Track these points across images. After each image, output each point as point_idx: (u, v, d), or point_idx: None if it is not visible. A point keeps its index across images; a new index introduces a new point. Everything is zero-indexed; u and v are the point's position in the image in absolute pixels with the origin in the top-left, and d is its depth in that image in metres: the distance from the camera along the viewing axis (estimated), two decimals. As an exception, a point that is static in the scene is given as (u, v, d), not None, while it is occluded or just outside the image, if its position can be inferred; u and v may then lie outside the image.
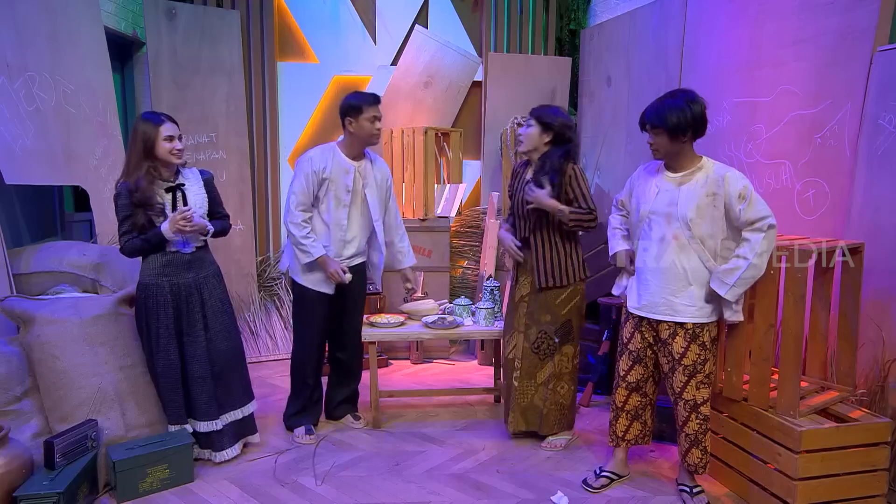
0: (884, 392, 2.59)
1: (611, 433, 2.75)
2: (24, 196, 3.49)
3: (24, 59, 3.16)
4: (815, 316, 2.67)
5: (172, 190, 2.74)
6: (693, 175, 2.44)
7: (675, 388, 2.52)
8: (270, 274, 4.82)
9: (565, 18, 5.12)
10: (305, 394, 3.21)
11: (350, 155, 3.05)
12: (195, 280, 2.80)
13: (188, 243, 2.77)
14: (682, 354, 2.47)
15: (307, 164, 2.98)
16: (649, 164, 2.64)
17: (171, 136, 2.69)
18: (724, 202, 2.37)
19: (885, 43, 2.72)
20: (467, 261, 4.96)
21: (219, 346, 2.85)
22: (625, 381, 2.64)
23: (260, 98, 4.82)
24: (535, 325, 2.96)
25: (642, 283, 2.55)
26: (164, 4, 4.28)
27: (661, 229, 2.47)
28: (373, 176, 3.12)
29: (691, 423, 2.51)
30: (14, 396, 2.64)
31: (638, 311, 2.56)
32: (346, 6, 4.90)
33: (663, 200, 2.47)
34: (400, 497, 2.62)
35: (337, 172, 2.99)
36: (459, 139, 4.88)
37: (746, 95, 3.36)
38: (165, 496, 2.61)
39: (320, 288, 3.06)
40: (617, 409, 2.70)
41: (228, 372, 2.89)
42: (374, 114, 2.97)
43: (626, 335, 2.63)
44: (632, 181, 2.67)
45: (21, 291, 2.95)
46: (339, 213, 3.03)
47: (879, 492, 2.41)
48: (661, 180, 2.51)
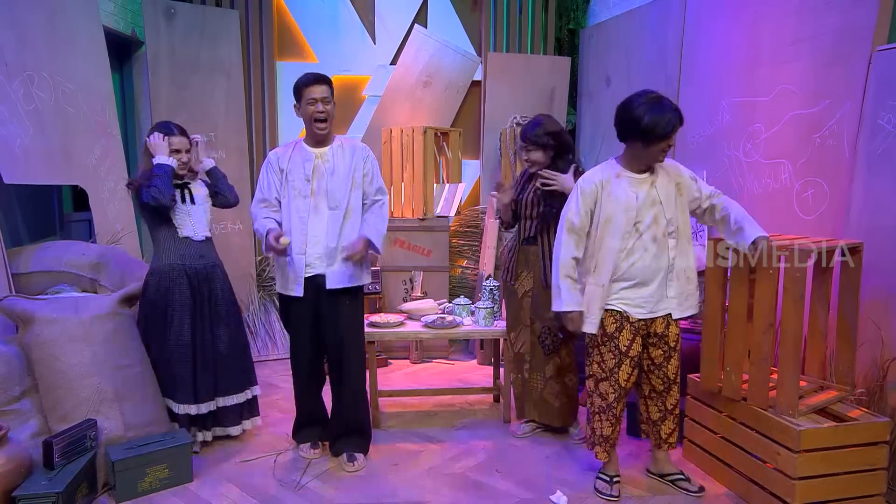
0: (882, 391, 2.60)
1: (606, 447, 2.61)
2: (23, 196, 3.49)
3: (23, 59, 3.15)
4: (815, 315, 2.67)
5: (179, 187, 2.94)
6: (656, 172, 2.49)
7: (668, 376, 2.58)
8: (269, 274, 4.81)
9: (564, 18, 5.12)
10: (305, 408, 3.03)
11: (310, 143, 2.82)
12: (205, 267, 2.98)
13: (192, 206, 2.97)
14: (676, 342, 2.56)
15: (269, 157, 2.87)
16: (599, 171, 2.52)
17: (178, 150, 2.92)
18: (684, 188, 2.50)
19: (883, 42, 2.72)
20: (466, 260, 4.97)
21: (219, 332, 2.99)
22: (624, 389, 2.55)
23: (259, 97, 4.81)
24: (539, 320, 3.01)
25: (643, 287, 2.47)
26: (162, 4, 4.28)
27: (652, 231, 2.44)
28: (339, 162, 2.81)
29: (677, 402, 2.63)
30: (13, 396, 2.64)
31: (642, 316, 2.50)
32: (345, 6, 4.90)
33: (645, 203, 2.44)
34: (399, 497, 2.62)
35: (295, 162, 2.79)
36: (459, 139, 4.88)
37: (745, 95, 3.36)
38: (165, 496, 2.61)
39: (291, 291, 2.81)
40: (616, 421, 2.58)
41: (227, 358, 3.01)
42: (313, 95, 2.69)
43: (625, 344, 2.50)
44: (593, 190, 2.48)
45: (20, 291, 2.95)
46: (299, 204, 2.77)
47: (878, 491, 2.41)
48: (635, 185, 2.45)
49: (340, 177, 2.79)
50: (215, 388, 2.99)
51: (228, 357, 3.01)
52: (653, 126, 2.32)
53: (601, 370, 2.56)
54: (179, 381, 2.88)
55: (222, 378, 3.00)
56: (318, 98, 2.70)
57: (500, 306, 3.49)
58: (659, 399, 2.63)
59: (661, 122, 2.31)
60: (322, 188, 2.78)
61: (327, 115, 2.74)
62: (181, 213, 2.95)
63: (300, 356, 2.93)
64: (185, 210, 2.96)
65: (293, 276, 2.79)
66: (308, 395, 3.01)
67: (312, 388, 3.01)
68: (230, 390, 3.02)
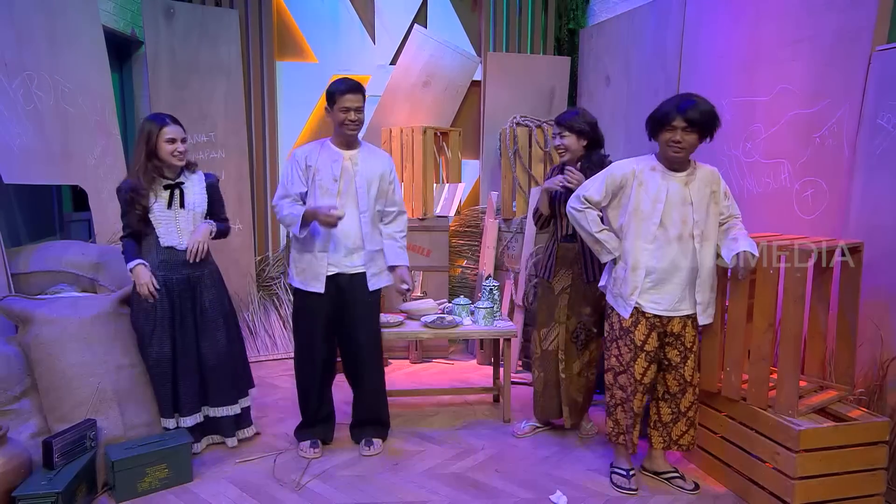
0: (882, 391, 2.60)
1: (628, 439, 2.65)
2: (23, 196, 3.49)
3: (23, 59, 3.15)
4: (814, 315, 2.68)
5: (171, 188, 2.80)
6: (694, 174, 2.52)
7: (684, 377, 2.60)
8: (269, 273, 4.82)
9: (564, 18, 5.12)
10: (309, 409, 3.04)
11: (338, 144, 2.89)
12: (189, 277, 2.86)
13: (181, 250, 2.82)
14: (692, 343, 2.58)
15: (295, 154, 2.93)
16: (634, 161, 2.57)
17: (174, 139, 2.76)
18: (719, 197, 2.54)
19: (883, 42, 2.73)
20: (466, 260, 4.97)
21: (206, 345, 2.90)
22: (641, 384, 2.58)
23: (259, 97, 4.81)
24: (575, 316, 3.01)
25: (661, 283, 2.50)
26: (162, 3, 4.28)
27: (678, 228, 2.48)
28: (368, 166, 2.90)
29: (693, 405, 2.65)
30: (13, 396, 2.64)
31: (658, 312, 2.53)
32: (345, 5, 4.90)
33: (676, 200, 2.48)
34: (399, 496, 2.62)
35: (323, 162, 2.86)
36: (458, 139, 4.88)
37: (745, 95, 3.36)
38: (164, 496, 2.61)
39: (311, 287, 2.87)
40: (634, 416, 2.62)
41: (215, 370, 2.93)
42: (346, 104, 2.77)
43: (641, 338, 2.54)
44: (623, 178, 2.55)
45: (20, 291, 2.94)
46: (325, 203, 2.82)
47: (878, 491, 2.41)
48: (668, 180, 2.50)
49: (367, 181, 2.89)
50: (204, 399, 2.94)
51: (215, 369, 2.92)
52: (653, 114, 2.48)
53: (619, 363, 2.64)
54: (161, 397, 2.83)
55: (210, 390, 2.93)
56: (352, 108, 2.79)
57: (499, 306, 3.49)
58: (673, 401, 2.64)
59: (661, 109, 2.45)
60: (349, 189, 2.86)
61: (359, 122, 2.84)
62: (166, 219, 2.78)
63: (313, 353, 2.95)
64: (169, 216, 2.78)
65: (315, 273, 2.87)
66: (315, 392, 3.02)
67: (321, 385, 3.03)
68: (218, 402, 2.96)
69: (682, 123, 2.39)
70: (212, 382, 2.93)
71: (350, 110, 2.78)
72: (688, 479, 2.67)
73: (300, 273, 2.91)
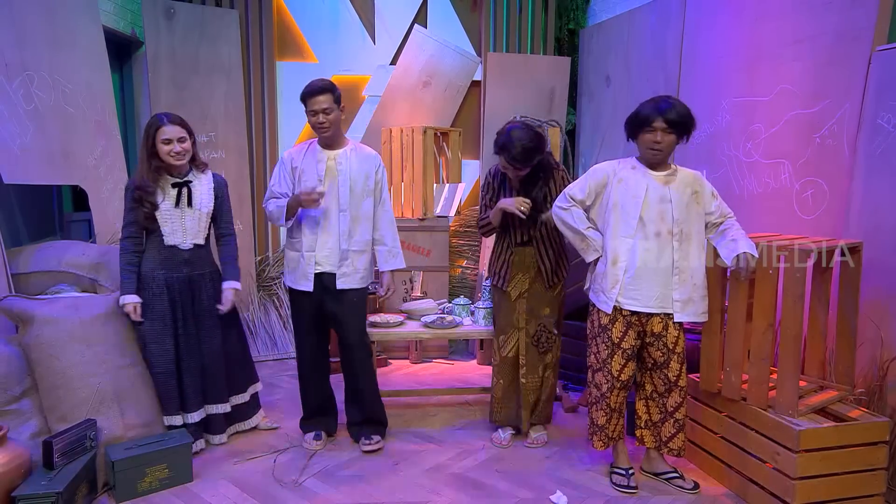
0: (882, 391, 2.60)
1: (602, 437, 2.68)
2: (23, 196, 3.49)
3: (23, 59, 3.15)
4: (814, 315, 2.68)
5: (178, 186, 2.83)
6: (674, 175, 2.56)
7: (669, 378, 2.60)
8: (269, 273, 4.82)
9: (564, 18, 5.12)
10: (311, 403, 3.12)
11: (323, 145, 2.91)
12: (189, 276, 2.88)
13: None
14: (675, 344, 2.57)
15: (283, 157, 2.97)
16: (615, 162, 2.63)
17: (169, 139, 2.76)
18: (701, 198, 2.55)
19: (883, 42, 2.73)
20: (466, 260, 4.97)
21: (205, 344, 2.94)
22: (619, 381, 2.61)
23: (259, 98, 4.81)
24: (535, 318, 3.01)
25: (638, 279, 2.52)
26: (162, 4, 4.28)
27: (656, 226, 2.50)
28: (352, 166, 2.90)
29: (682, 408, 2.64)
30: (13, 396, 2.64)
31: (635, 308, 2.55)
32: (345, 6, 4.90)
33: (654, 197, 2.51)
34: (399, 497, 2.62)
35: (308, 163, 2.89)
36: (458, 139, 4.88)
37: (745, 95, 3.36)
38: (164, 496, 2.61)
39: (300, 286, 2.92)
40: (610, 412, 2.65)
41: (214, 369, 2.97)
42: (312, 107, 2.77)
43: (618, 335, 2.57)
44: (605, 176, 2.59)
45: (20, 291, 2.94)
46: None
47: (878, 491, 2.41)
48: (648, 178, 2.54)
49: (352, 181, 2.89)
50: (204, 397, 2.97)
51: (212, 367, 2.96)
52: (635, 114, 2.52)
53: (597, 361, 2.67)
54: (165, 395, 2.85)
55: (208, 388, 2.97)
56: (318, 110, 2.78)
57: (499, 306, 3.48)
58: (660, 400, 2.65)
59: (641, 111, 2.50)
60: (334, 190, 2.88)
61: (329, 124, 2.81)
62: (172, 218, 2.80)
63: (305, 348, 3.05)
64: (176, 215, 2.80)
65: (303, 272, 2.92)
66: (313, 385, 3.10)
67: (317, 379, 3.11)
68: (213, 400, 2.99)
69: (662, 125, 2.44)
70: (209, 380, 2.97)
71: (318, 113, 2.77)
72: (687, 478, 2.67)
73: (291, 272, 2.99)
